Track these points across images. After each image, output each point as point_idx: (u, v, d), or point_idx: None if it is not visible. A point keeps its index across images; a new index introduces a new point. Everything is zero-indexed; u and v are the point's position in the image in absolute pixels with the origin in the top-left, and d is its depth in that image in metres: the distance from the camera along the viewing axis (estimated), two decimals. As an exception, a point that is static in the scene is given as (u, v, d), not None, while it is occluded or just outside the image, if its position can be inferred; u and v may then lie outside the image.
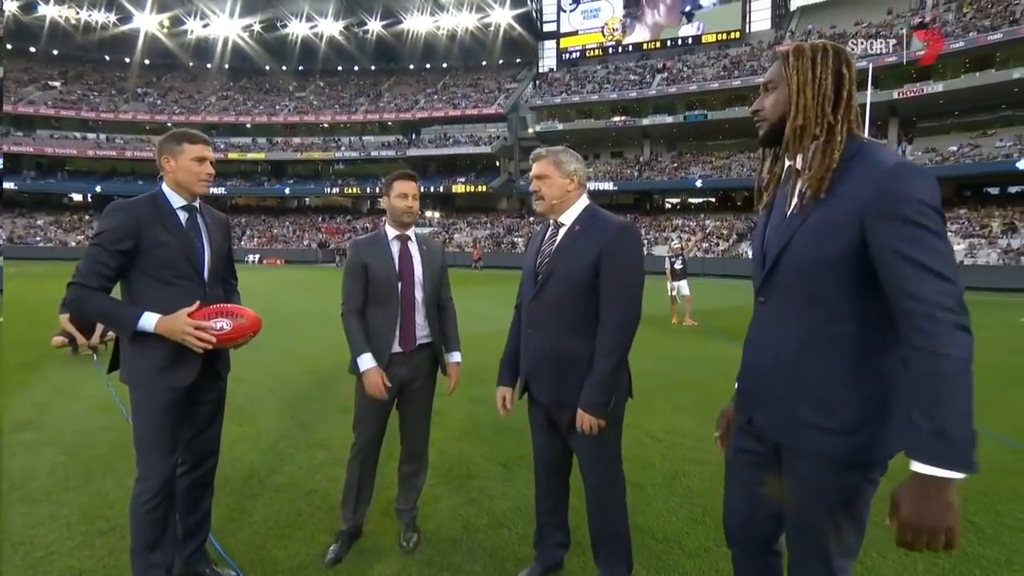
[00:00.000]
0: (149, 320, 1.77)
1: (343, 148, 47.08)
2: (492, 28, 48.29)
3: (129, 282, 1.85)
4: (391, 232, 2.41)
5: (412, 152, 45.58)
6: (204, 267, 1.93)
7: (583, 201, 2.02)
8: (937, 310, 1.04)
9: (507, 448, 3.64)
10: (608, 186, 39.13)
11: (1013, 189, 29.78)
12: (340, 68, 53.55)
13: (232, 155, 45.38)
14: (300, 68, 53.15)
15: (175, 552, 1.97)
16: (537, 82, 48.08)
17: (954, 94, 29.96)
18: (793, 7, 41.87)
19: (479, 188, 44.08)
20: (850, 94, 1.23)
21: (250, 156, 46.52)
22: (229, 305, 1.91)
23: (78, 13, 46.35)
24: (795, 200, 1.28)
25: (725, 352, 7.47)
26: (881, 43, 31.77)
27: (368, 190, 45.80)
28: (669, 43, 43.39)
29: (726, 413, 1.61)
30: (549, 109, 43.82)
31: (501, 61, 51.01)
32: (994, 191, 30.40)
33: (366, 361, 2.25)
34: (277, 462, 3.34)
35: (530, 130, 44.58)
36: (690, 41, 42.62)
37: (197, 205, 1.98)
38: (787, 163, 1.35)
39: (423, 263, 2.42)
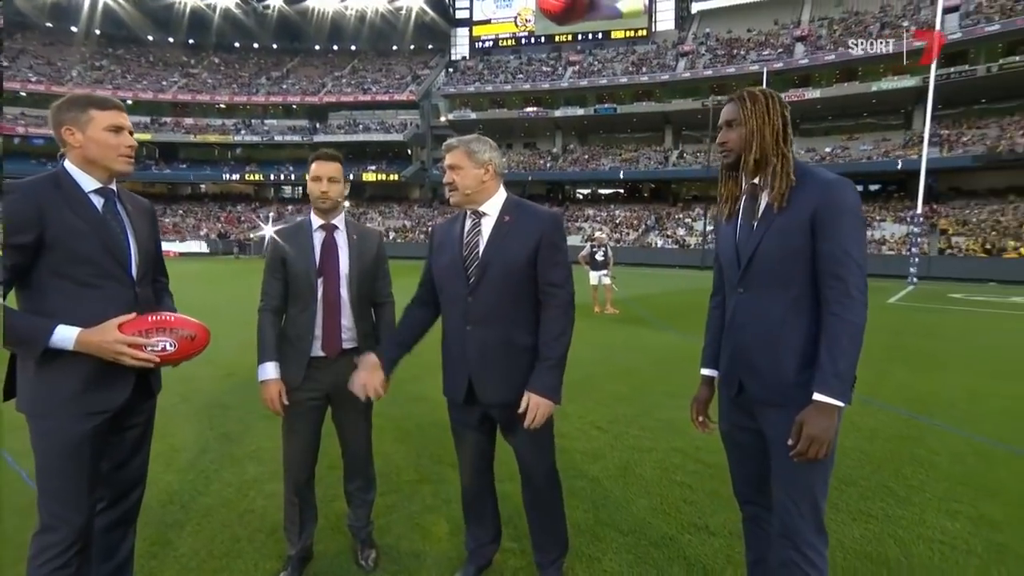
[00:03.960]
0: (65, 334, 1.43)
1: (243, 131, 43.70)
2: (404, 12, 46.79)
3: (34, 287, 1.49)
4: (315, 221, 2.15)
5: (320, 138, 43.28)
6: (132, 264, 1.60)
7: (503, 191, 1.97)
8: (854, 290, 1.43)
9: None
10: (536, 177, 39.46)
11: (873, 187, 33.79)
12: (237, 45, 49.56)
13: (109, 134, 40.68)
14: (190, 41, 48.50)
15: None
16: (450, 70, 47.43)
17: (828, 101, 33.39)
18: (694, 11, 44.37)
19: (390, 177, 42.85)
20: (789, 129, 1.57)
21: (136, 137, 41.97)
22: (171, 317, 1.58)
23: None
24: (761, 210, 1.57)
25: (651, 339, 7.78)
26: (768, 50, 34.58)
27: (273, 177, 42.98)
28: (580, 36, 44.43)
29: (698, 399, 1.83)
30: (462, 97, 43.41)
31: (413, 47, 49.64)
32: (859, 188, 34.30)
33: (266, 371, 2.06)
34: (200, 482, 2.97)
35: (443, 118, 43.97)
36: (600, 36, 43.91)
37: (115, 188, 1.65)
38: (746, 183, 1.63)
39: (351, 256, 2.15)
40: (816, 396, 1.41)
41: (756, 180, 1.59)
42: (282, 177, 43.88)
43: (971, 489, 3.02)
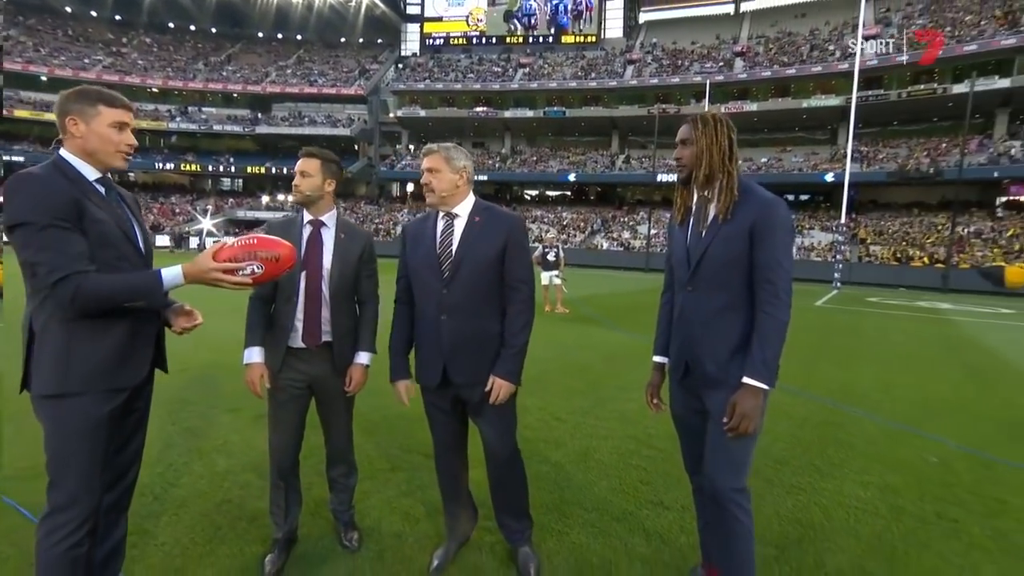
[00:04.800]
0: (173, 272, 1.55)
1: (178, 119, 41.39)
2: (353, 3, 45.75)
3: None
4: (306, 216, 2.26)
5: (262, 129, 41.74)
6: (140, 247, 1.69)
7: (472, 195, 2.16)
8: (782, 293, 1.70)
9: (425, 438, 3.54)
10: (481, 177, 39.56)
11: (803, 197, 36.16)
12: (172, 25, 46.91)
13: (21, 112, 37.23)
14: (117, 17, 45.39)
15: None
16: (400, 65, 46.83)
17: (764, 114, 35.45)
18: (641, 20, 45.89)
19: (338, 172, 41.79)
20: (736, 149, 1.81)
21: (48, 117, 38.68)
22: (254, 240, 1.65)
23: None
24: (709, 220, 1.80)
25: (601, 337, 8.14)
26: (711, 63, 36.28)
27: (211, 168, 40.96)
28: (531, 39, 44.98)
29: (651, 383, 2.09)
30: (412, 94, 42.98)
31: (362, 40, 48.65)
32: (791, 197, 36.60)
33: (251, 354, 2.17)
34: (171, 475, 2.96)
35: (391, 115, 43.36)
36: (551, 40, 44.61)
37: (111, 179, 1.71)
38: (697, 194, 1.86)
39: (335, 253, 2.25)
40: (746, 380, 1.66)
41: (705, 192, 1.82)
42: (221, 168, 41.98)
43: (880, 464, 3.48)
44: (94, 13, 44.75)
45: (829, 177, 31.08)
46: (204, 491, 2.80)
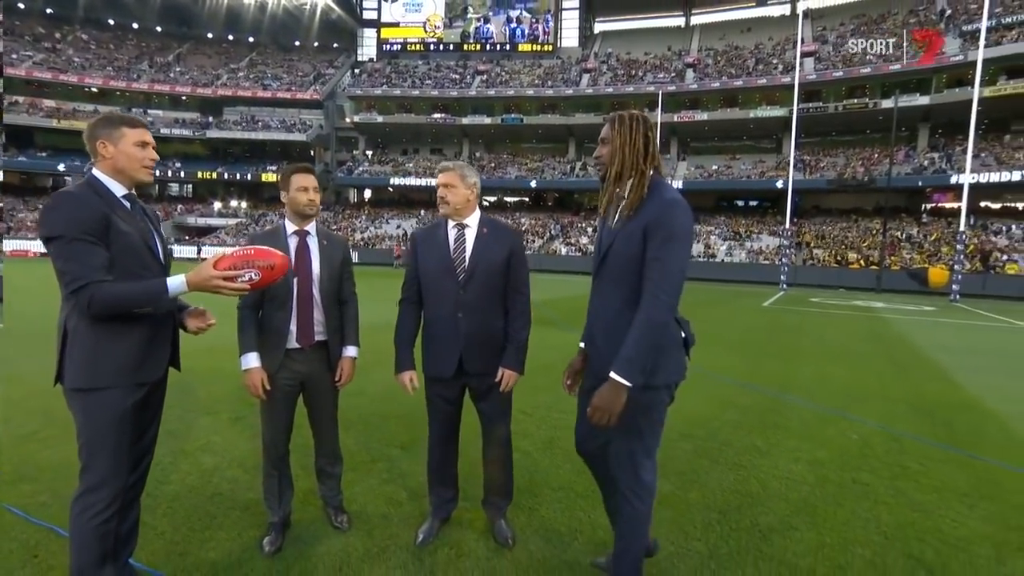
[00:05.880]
0: (177, 280, 1.72)
1: (121, 120, 39.59)
2: (308, 6, 45.07)
3: None
4: (290, 227, 2.45)
5: (214, 133, 40.52)
6: (160, 256, 1.89)
7: (478, 208, 2.46)
8: (662, 292, 1.70)
9: (399, 433, 3.86)
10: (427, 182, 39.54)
11: (753, 202, 37.89)
12: (112, 22, 44.95)
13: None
14: (48, 11, 43.08)
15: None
16: (356, 71, 46.39)
17: (714, 123, 37.06)
18: (596, 31, 47.11)
19: (294, 177, 40.94)
20: (654, 148, 1.85)
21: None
22: (251, 250, 1.82)
23: None
24: (617, 216, 1.88)
25: (562, 338, 8.45)
26: (663, 73, 37.59)
27: (158, 173, 39.26)
28: (488, 47, 45.43)
29: (572, 364, 2.20)
30: (368, 100, 42.63)
31: (317, 44, 47.98)
32: (741, 203, 38.30)
33: (249, 360, 2.32)
34: (158, 473, 3.07)
35: (348, 120, 42.90)
36: (508, 48, 45.21)
37: (135, 194, 1.91)
38: (616, 190, 1.93)
39: (321, 258, 2.47)
40: (610, 373, 1.70)
41: (618, 189, 1.89)
42: (169, 174, 40.46)
43: (810, 443, 3.95)
44: (22, 5, 42.36)
45: (779, 184, 32.79)
46: (195, 486, 2.95)
